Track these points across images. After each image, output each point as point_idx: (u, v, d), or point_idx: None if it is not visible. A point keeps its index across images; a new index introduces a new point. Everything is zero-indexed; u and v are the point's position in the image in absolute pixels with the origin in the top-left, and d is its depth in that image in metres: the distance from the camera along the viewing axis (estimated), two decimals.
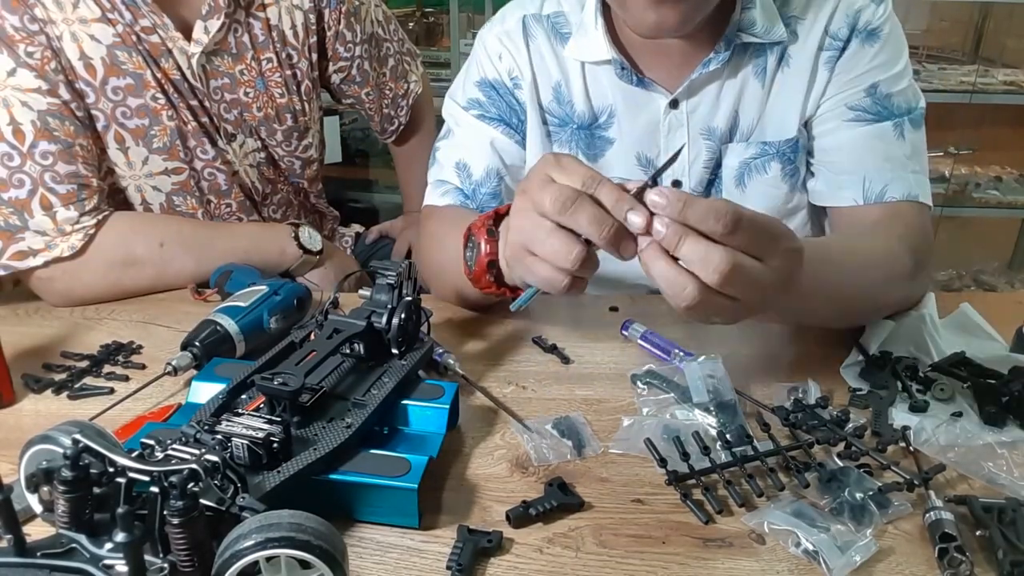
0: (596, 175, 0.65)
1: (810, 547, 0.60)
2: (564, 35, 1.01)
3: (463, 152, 1.05)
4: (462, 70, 1.09)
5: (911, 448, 0.71)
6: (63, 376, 0.84)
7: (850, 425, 0.75)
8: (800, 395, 0.79)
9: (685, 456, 0.68)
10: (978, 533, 0.62)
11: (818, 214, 1.06)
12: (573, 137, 1.03)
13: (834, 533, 0.62)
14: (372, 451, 0.66)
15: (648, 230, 0.62)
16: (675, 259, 0.62)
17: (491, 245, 0.80)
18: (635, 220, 0.62)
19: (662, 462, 0.68)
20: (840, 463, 0.70)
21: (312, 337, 0.76)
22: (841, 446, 0.72)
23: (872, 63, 0.95)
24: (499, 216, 0.82)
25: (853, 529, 0.63)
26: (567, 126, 1.03)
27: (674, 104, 0.98)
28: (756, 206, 0.99)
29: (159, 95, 1.08)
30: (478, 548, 0.61)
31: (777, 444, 0.70)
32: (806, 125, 1.00)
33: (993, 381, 0.79)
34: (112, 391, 0.83)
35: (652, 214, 0.62)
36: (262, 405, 0.67)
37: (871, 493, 0.65)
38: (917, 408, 0.78)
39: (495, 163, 1.03)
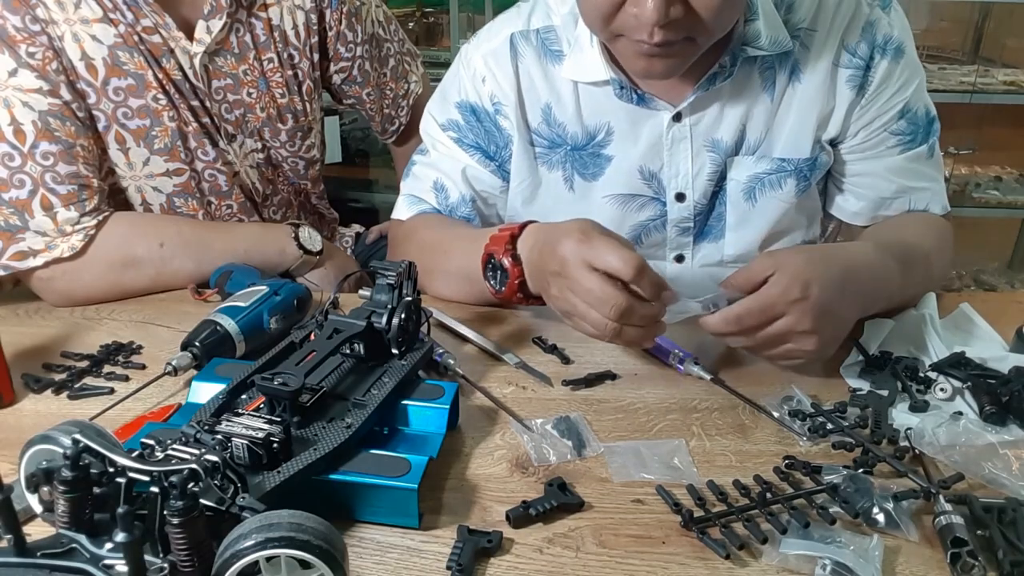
0: (637, 266, 0.75)
1: (839, 567, 0.59)
2: (554, 53, 0.98)
3: (439, 174, 1.06)
4: (444, 83, 1.07)
5: (916, 451, 0.71)
6: (63, 376, 0.84)
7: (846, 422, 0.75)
8: (795, 404, 0.79)
9: (700, 502, 0.66)
10: (978, 533, 0.62)
11: (829, 215, 1.08)
12: (567, 159, 1.02)
13: (851, 544, 0.61)
14: (372, 451, 0.66)
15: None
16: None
17: (517, 268, 0.87)
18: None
19: (676, 506, 0.66)
20: (844, 472, 0.69)
21: (312, 337, 0.76)
22: (858, 451, 0.72)
23: (900, 81, 0.96)
24: (514, 237, 0.88)
25: (865, 535, 0.62)
26: (558, 148, 1.02)
27: (677, 117, 0.97)
28: (765, 219, 1.02)
29: (160, 96, 1.08)
30: (478, 548, 0.61)
31: (796, 488, 0.67)
32: (832, 143, 0.99)
33: (993, 381, 0.79)
34: (112, 391, 0.83)
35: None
36: (262, 405, 0.67)
37: (885, 500, 0.65)
38: (917, 408, 0.78)
39: (468, 191, 1.05)
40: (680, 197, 1.01)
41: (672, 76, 0.89)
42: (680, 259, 1.06)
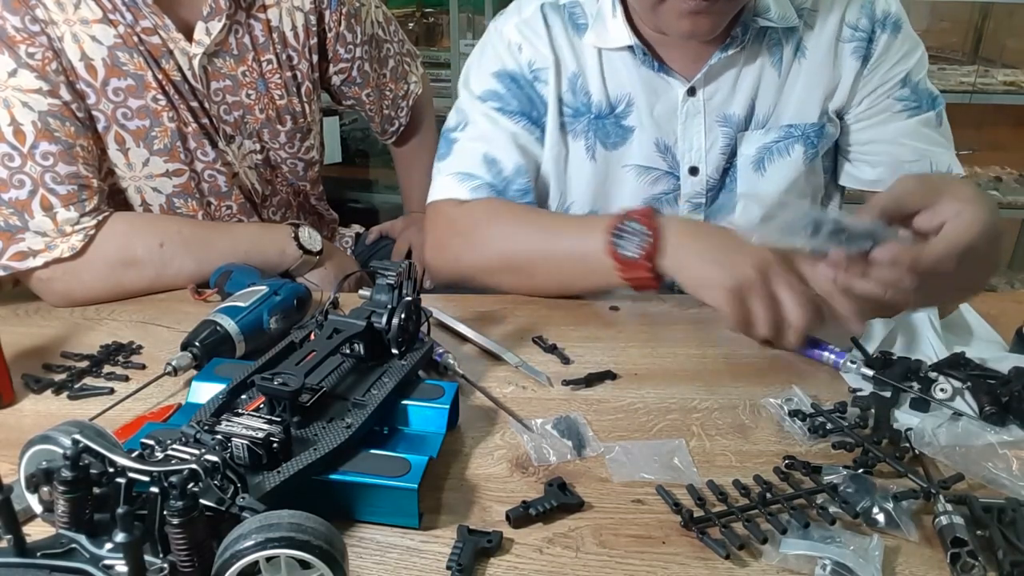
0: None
1: (839, 568, 0.59)
2: (580, 26, 1.02)
3: (488, 145, 1.03)
4: (473, 59, 1.08)
5: (916, 451, 0.71)
6: (63, 376, 0.84)
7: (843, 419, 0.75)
8: (795, 404, 0.79)
9: (700, 502, 0.66)
10: (978, 533, 0.62)
11: (829, 194, 1.11)
12: (590, 127, 1.04)
13: (851, 544, 0.61)
14: (372, 451, 0.66)
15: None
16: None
17: (657, 235, 0.86)
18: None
19: (676, 506, 0.66)
20: (844, 472, 0.69)
21: (312, 337, 0.76)
22: (858, 451, 0.72)
23: (900, 52, 1.01)
24: (655, 211, 0.89)
25: (865, 535, 0.62)
26: (582, 117, 1.04)
27: (691, 92, 1.00)
28: (774, 185, 1.03)
29: (160, 96, 1.08)
30: (478, 548, 0.61)
31: (796, 488, 0.67)
32: (839, 115, 1.03)
33: (993, 381, 0.79)
34: (112, 391, 0.83)
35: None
36: (262, 405, 0.67)
37: (885, 500, 0.65)
38: (917, 408, 0.78)
39: (521, 159, 1.02)
40: (693, 171, 1.04)
41: (714, 34, 0.93)
42: None
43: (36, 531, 0.60)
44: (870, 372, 0.82)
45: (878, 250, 0.69)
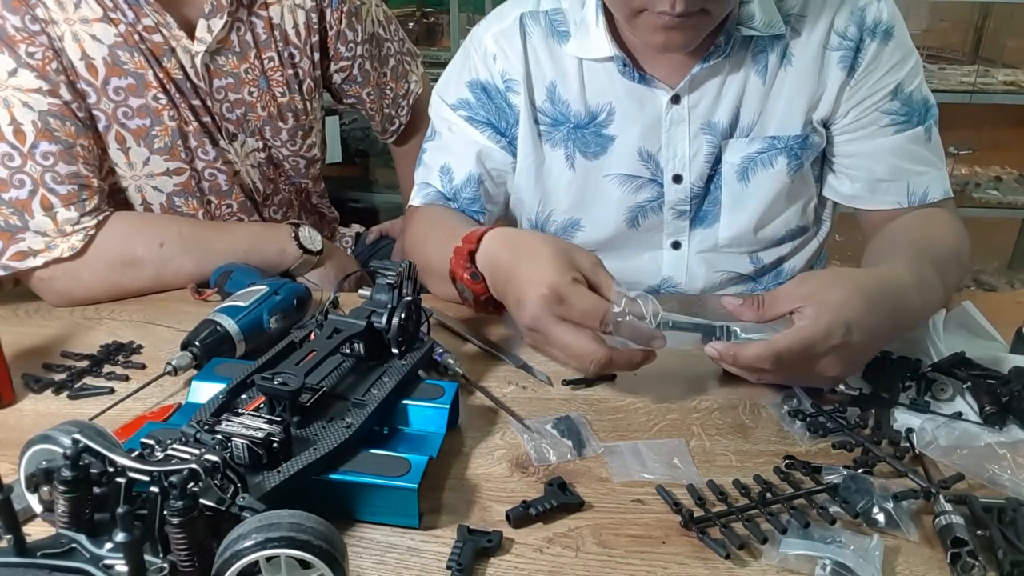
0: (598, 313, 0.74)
1: (839, 568, 0.59)
2: (562, 33, 1.01)
3: (448, 156, 1.07)
4: (452, 67, 1.09)
5: (916, 452, 0.71)
6: (63, 376, 0.84)
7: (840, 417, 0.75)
8: (795, 404, 0.79)
9: (700, 501, 0.66)
10: (978, 533, 0.62)
11: (823, 201, 1.09)
12: (569, 137, 1.03)
13: (851, 544, 0.61)
14: (372, 451, 0.66)
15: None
16: None
17: (478, 287, 0.85)
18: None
19: (676, 506, 0.66)
20: (844, 472, 0.69)
21: (312, 337, 0.76)
22: (858, 451, 0.72)
23: (891, 62, 0.97)
24: (471, 254, 0.86)
25: (865, 535, 0.62)
26: (561, 126, 1.03)
27: (676, 99, 0.99)
28: (758, 200, 1.03)
29: (161, 95, 1.08)
30: (478, 548, 0.61)
31: (796, 488, 0.67)
32: (824, 125, 1.01)
33: (993, 381, 0.79)
34: (112, 391, 0.83)
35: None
36: (262, 405, 0.67)
37: (885, 500, 0.65)
38: (918, 408, 0.78)
39: (477, 169, 1.05)
40: (677, 179, 1.03)
41: (688, 48, 0.92)
42: (676, 246, 1.08)
43: (36, 531, 0.60)
44: (855, 391, 0.81)
45: (708, 345, 0.77)
